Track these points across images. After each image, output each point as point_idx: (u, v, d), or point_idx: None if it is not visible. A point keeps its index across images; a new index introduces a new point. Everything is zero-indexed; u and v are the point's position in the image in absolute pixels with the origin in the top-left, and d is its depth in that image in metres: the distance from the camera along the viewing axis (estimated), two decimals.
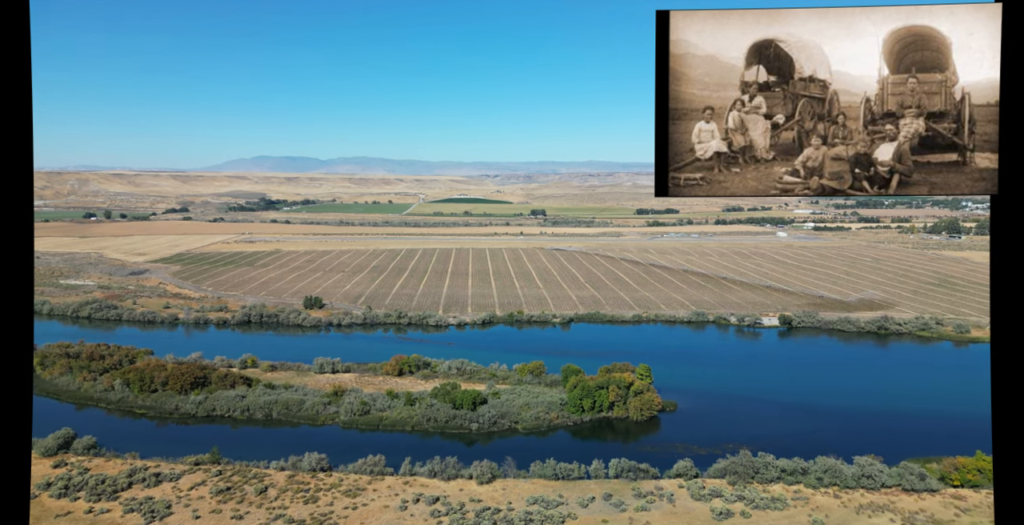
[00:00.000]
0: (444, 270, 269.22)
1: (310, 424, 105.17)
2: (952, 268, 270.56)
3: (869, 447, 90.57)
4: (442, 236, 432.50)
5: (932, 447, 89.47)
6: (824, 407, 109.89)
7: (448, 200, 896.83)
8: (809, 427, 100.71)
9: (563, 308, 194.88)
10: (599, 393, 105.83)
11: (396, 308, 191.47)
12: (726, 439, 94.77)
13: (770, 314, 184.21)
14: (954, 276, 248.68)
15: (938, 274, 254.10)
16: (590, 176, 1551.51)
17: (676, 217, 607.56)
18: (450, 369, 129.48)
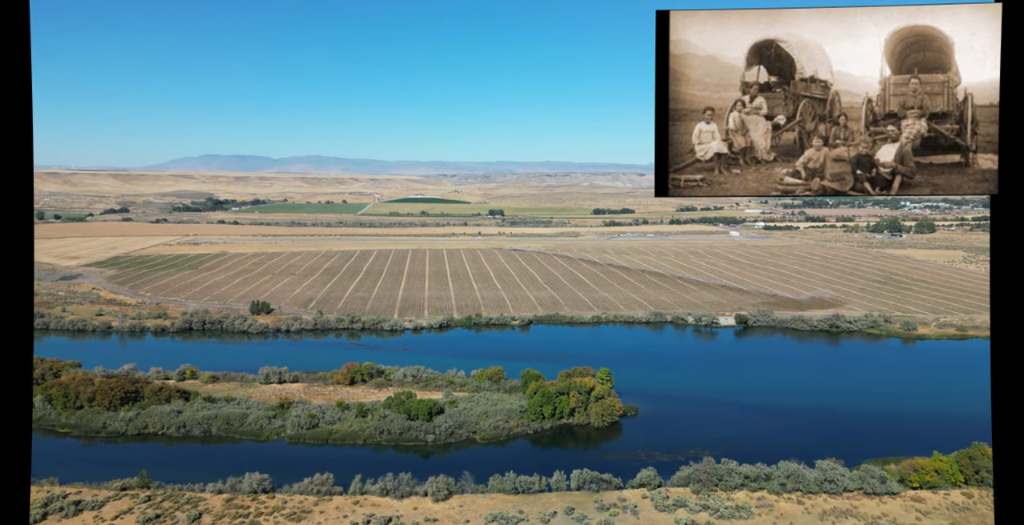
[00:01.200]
0: (400, 272, 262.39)
1: (253, 440, 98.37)
2: (896, 266, 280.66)
3: (829, 448, 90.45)
4: (398, 237, 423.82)
5: (890, 447, 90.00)
6: (783, 408, 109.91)
7: (404, 200, 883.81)
8: (769, 429, 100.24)
9: (522, 310, 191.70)
10: (560, 399, 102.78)
11: (349, 312, 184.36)
12: (688, 444, 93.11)
13: (726, 314, 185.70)
14: (898, 274, 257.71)
15: (883, 272, 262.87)
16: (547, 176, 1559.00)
17: (632, 217, 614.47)
18: (405, 377, 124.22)
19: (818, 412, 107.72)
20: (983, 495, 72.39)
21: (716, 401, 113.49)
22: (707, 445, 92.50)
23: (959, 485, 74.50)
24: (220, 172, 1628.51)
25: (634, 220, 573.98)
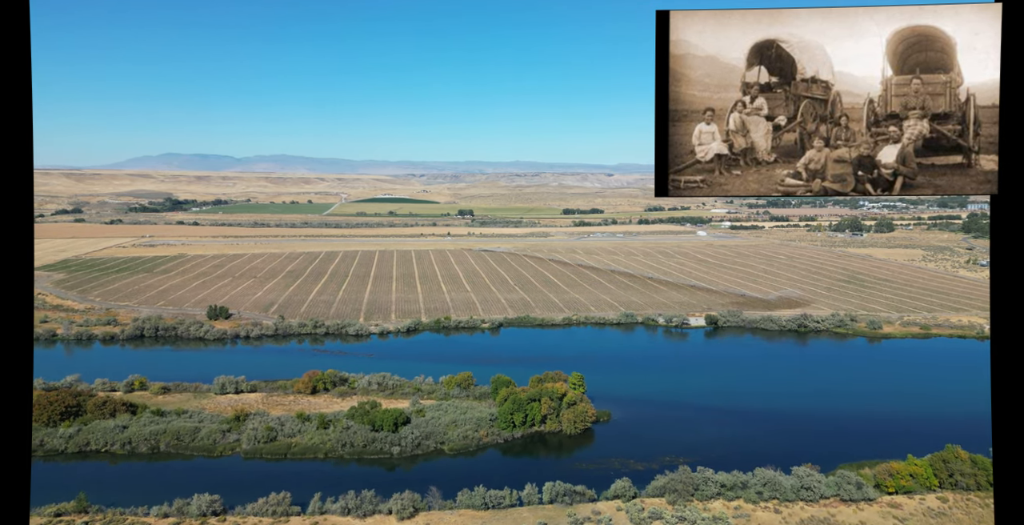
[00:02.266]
0: (366, 274, 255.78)
1: (205, 456, 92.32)
2: (858, 265, 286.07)
3: (803, 452, 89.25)
4: (365, 237, 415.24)
5: (864, 449, 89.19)
6: (755, 410, 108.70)
7: (372, 200, 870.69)
8: (743, 433, 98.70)
9: (492, 312, 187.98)
10: (531, 406, 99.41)
11: (312, 317, 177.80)
12: (662, 451, 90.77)
13: (696, 314, 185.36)
14: (861, 273, 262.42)
15: (847, 271, 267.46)
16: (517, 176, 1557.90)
17: (601, 217, 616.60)
18: (370, 385, 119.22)
19: (790, 414, 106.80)
20: (957, 499, 71.73)
21: (689, 404, 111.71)
22: (681, 451, 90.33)
23: (934, 489, 73.74)
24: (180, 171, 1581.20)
25: (603, 220, 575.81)
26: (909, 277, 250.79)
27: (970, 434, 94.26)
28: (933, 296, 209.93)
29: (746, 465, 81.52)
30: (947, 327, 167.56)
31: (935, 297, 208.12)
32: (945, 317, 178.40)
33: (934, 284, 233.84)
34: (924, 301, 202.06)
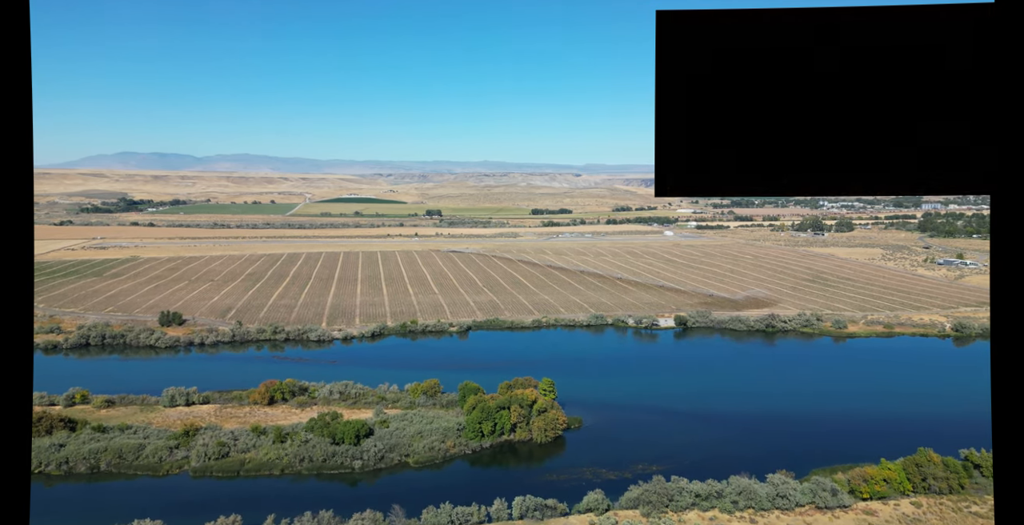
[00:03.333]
0: (330, 276, 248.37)
1: (150, 475, 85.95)
2: (821, 264, 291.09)
3: (776, 456, 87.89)
4: (329, 238, 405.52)
5: (836, 452, 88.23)
6: (727, 414, 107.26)
7: (337, 200, 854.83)
8: (715, 437, 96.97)
9: (460, 315, 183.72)
10: (500, 414, 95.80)
11: (272, 322, 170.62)
12: (635, 459, 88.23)
13: (666, 314, 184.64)
14: (824, 272, 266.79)
15: (811, 270, 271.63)
16: (485, 176, 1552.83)
17: (570, 217, 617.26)
18: (331, 394, 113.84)
19: (761, 416, 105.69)
20: (931, 504, 70.96)
21: (660, 409, 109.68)
22: (654, 459, 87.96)
23: (908, 494, 72.92)
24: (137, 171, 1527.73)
25: (572, 220, 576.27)
26: (870, 276, 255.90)
27: (939, 435, 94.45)
28: (894, 295, 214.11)
29: (720, 472, 79.52)
30: (909, 326, 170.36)
31: (896, 296, 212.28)
32: (907, 316, 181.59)
33: (894, 283, 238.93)
34: (886, 300, 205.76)
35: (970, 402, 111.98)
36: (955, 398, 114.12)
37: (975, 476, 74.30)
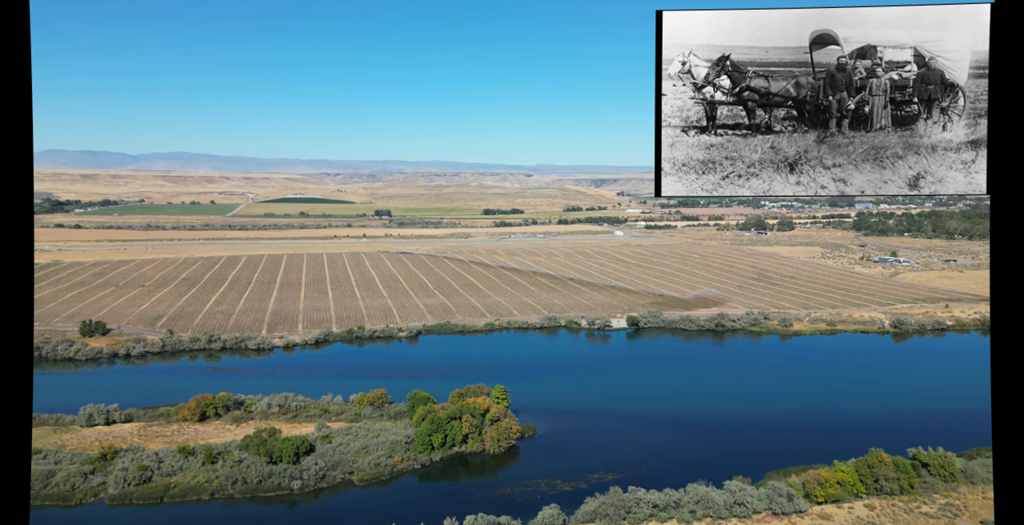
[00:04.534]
0: (272, 280, 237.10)
1: (61, 506, 77.24)
2: (766, 262, 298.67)
3: (731, 459, 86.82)
4: (273, 240, 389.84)
5: (789, 454, 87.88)
6: (680, 417, 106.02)
7: (282, 200, 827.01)
8: (671, 441, 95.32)
9: (410, 319, 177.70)
10: (451, 425, 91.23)
11: (207, 330, 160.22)
12: (591, 467, 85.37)
13: (618, 315, 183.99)
14: (769, 270, 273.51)
15: (756, 269, 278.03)
16: (436, 176, 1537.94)
17: (521, 217, 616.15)
18: (270, 407, 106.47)
19: (715, 417, 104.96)
20: (884, 506, 70.92)
21: (615, 414, 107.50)
22: (610, 466, 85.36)
23: (861, 496, 72.70)
24: (64, 169, 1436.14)
25: (524, 220, 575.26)
26: (812, 274, 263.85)
27: (887, 433, 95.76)
28: (835, 292, 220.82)
29: (677, 479, 77.57)
30: (851, 323, 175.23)
31: (837, 293, 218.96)
32: (848, 313, 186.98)
33: (834, 280, 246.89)
34: (828, 297, 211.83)
35: (914, 399, 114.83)
36: (899, 396, 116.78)
37: (923, 475, 74.93)
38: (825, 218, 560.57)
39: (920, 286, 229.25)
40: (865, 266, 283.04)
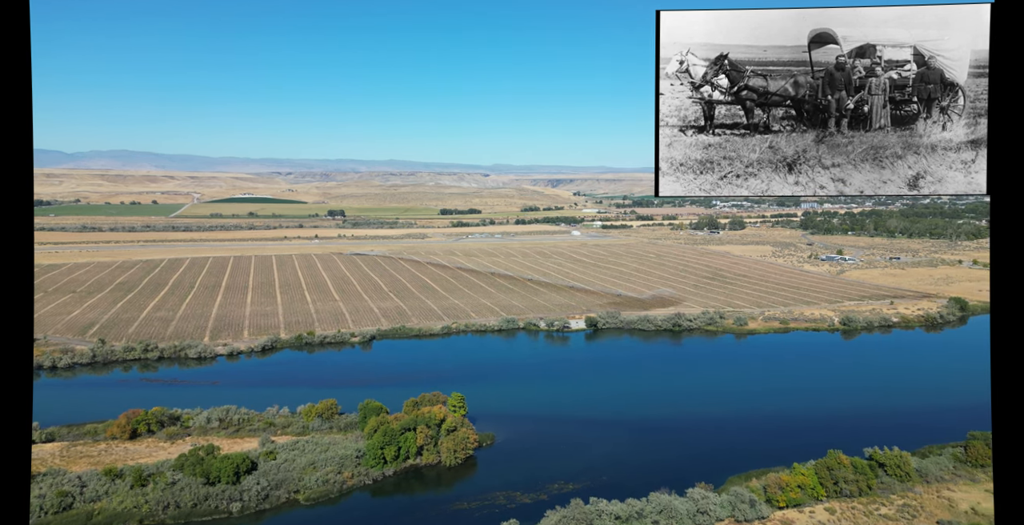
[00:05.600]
0: (217, 284, 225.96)
1: None
2: (719, 261, 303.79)
3: (693, 464, 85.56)
4: (219, 242, 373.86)
5: (749, 458, 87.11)
6: (641, 420, 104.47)
7: (230, 200, 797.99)
8: (631, 447, 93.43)
9: (364, 324, 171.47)
10: (405, 437, 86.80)
11: (144, 338, 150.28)
12: (551, 477, 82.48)
13: (576, 316, 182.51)
14: (723, 269, 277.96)
15: (710, 268, 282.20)
16: (392, 175, 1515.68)
17: (479, 217, 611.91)
18: (209, 422, 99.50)
19: (674, 419, 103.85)
20: (844, 509, 70.60)
21: (575, 418, 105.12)
22: (571, 476, 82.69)
23: (821, 499, 72.24)
24: None
25: (481, 221, 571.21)
26: (763, 272, 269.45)
27: (843, 432, 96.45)
28: (786, 290, 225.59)
29: (639, 488, 75.48)
30: (802, 320, 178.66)
31: (788, 291, 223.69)
32: (799, 311, 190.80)
33: (785, 279, 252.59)
34: (779, 295, 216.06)
35: (866, 397, 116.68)
36: (852, 393, 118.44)
37: (880, 475, 75.15)
38: (774, 217, 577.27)
39: (866, 283, 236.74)
40: (813, 264, 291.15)
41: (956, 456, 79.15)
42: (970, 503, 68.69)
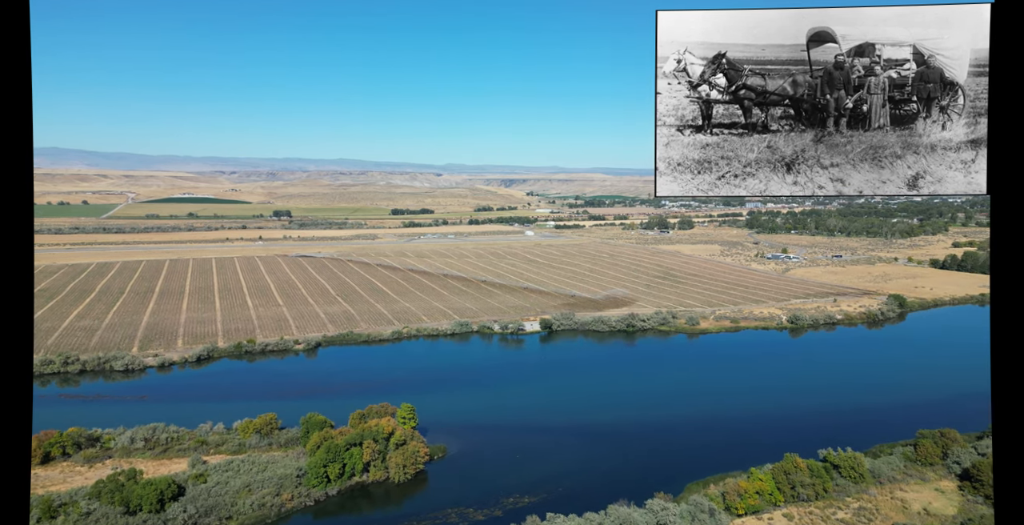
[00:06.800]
0: (149, 289, 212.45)
1: None
2: (670, 261, 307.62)
3: (649, 472, 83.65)
4: (154, 244, 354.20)
5: (706, 462, 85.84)
6: (595, 426, 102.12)
7: (168, 200, 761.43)
8: (588, 455, 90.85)
9: (309, 330, 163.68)
10: (350, 453, 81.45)
11: (65, 350, 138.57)
12: (506, 490, 78.87)
13: (531, 318, 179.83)
14: (673, 269, 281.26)
15: (661, 267, 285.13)
16: (342, 174, 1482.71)
17: (431, 217, 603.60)
18: (133, 442, 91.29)
19: (630, 426, 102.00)
20: (802, 514, 69.86)
21: (530, 426, 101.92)
22: (526, 488, 79.29)
23: (779, 505, 71.33)
24: None
25: (434, 221, 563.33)
26: (713, 271, 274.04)
27: (797, 432, 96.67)
28: (735, 289, 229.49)
29: (597, 499, 72.81)
30: (752, 319, 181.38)
31: (737, 290, 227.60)
32: (749, 309, 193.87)
33: (733, 277, 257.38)
34: (729, 294, 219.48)
35: (816, 396, 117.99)
36: (802, 392, 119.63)
37: (835, 477, 74.99)
38: (721, 216, 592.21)
39: (810, 281, 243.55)
40: (760, 263, 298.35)
41: (907, 455, 79.97)
42: (922, 503, 69.08)
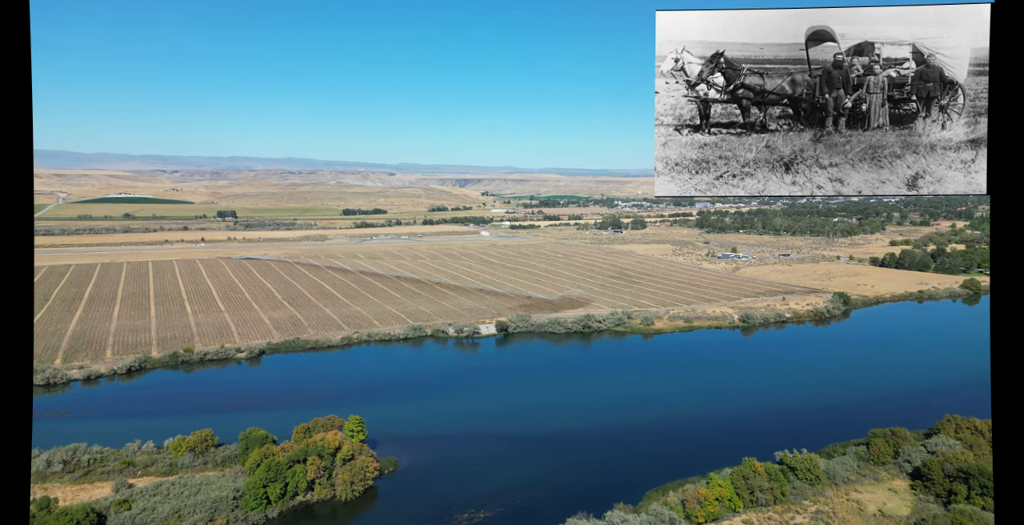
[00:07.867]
0: (77, 296, 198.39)
1: None
2: (624, 261, 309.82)
3: (607, 480, 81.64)
4: (85, 247, 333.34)
5: (664, 468, 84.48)
6: (552, 433, 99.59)
7: (103, 200, 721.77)
8: (545, 465, 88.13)
9: (252, 337, 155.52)
10: (293, 471, 76.17)
11: None
12: (460, 505, 75.27)
13: (487, 321, 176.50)
14: (628, 268, 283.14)
15: (615, 267, 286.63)
16: (290, 174, 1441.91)
17: (384, 217, 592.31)
18: (50, 466, 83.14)
19: (586, 432, 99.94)
20: (762, 519, 69.09)
21: (484, 435, 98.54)
22: (481, 503, 75.90)
23: (739, 511, 70.41)
24: None
25: (387, 221, 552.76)
26: (666, 271, 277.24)
27: (753, 434, 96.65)
28: (688, 289, 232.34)
29: (556, 511, 70.21)
30: (705, 318, 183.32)
31: (690, 290, 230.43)
32: (702, 309, 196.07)
33: (686, 277, 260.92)
34: (682, 294, 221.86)
35: (769, 396, 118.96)
36: (756, 392, 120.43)
37: (792, 480, 74.73)
38: (672, 216, 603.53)
39: (759, 280, 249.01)
40: (711, 262, 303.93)
41: (860, 455, 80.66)
42: (877, 504, 69.41)
